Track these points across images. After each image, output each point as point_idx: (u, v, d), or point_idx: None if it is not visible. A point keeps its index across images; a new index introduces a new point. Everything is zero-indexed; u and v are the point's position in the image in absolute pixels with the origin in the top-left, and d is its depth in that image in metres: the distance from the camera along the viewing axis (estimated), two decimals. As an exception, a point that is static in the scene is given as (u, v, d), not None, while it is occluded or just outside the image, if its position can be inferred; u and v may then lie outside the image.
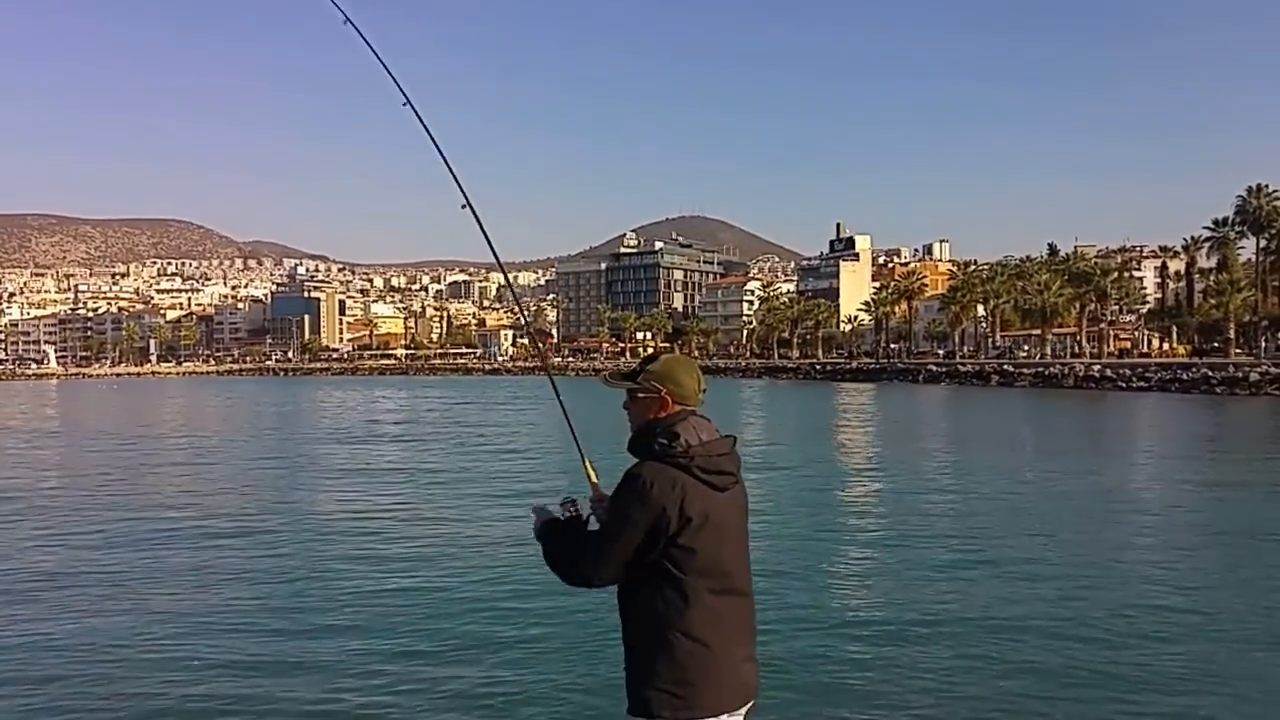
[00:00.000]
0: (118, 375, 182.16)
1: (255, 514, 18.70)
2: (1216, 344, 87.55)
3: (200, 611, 11.16)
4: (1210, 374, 68.24)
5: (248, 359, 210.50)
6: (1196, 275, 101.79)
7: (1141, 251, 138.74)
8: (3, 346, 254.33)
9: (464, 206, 4.87)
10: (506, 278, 5.95)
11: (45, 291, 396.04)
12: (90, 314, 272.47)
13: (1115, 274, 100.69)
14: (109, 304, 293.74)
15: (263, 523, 17.56)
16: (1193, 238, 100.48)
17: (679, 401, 3.52)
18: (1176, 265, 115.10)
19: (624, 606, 3.52)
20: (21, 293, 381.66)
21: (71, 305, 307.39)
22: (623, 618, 3.54)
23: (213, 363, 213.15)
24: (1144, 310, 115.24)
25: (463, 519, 17.59)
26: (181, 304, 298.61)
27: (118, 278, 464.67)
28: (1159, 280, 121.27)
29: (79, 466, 27.93)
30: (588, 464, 3.98)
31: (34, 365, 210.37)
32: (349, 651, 9.52)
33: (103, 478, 24.86)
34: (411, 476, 24.48)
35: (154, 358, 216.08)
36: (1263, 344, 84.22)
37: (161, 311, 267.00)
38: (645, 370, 3.57)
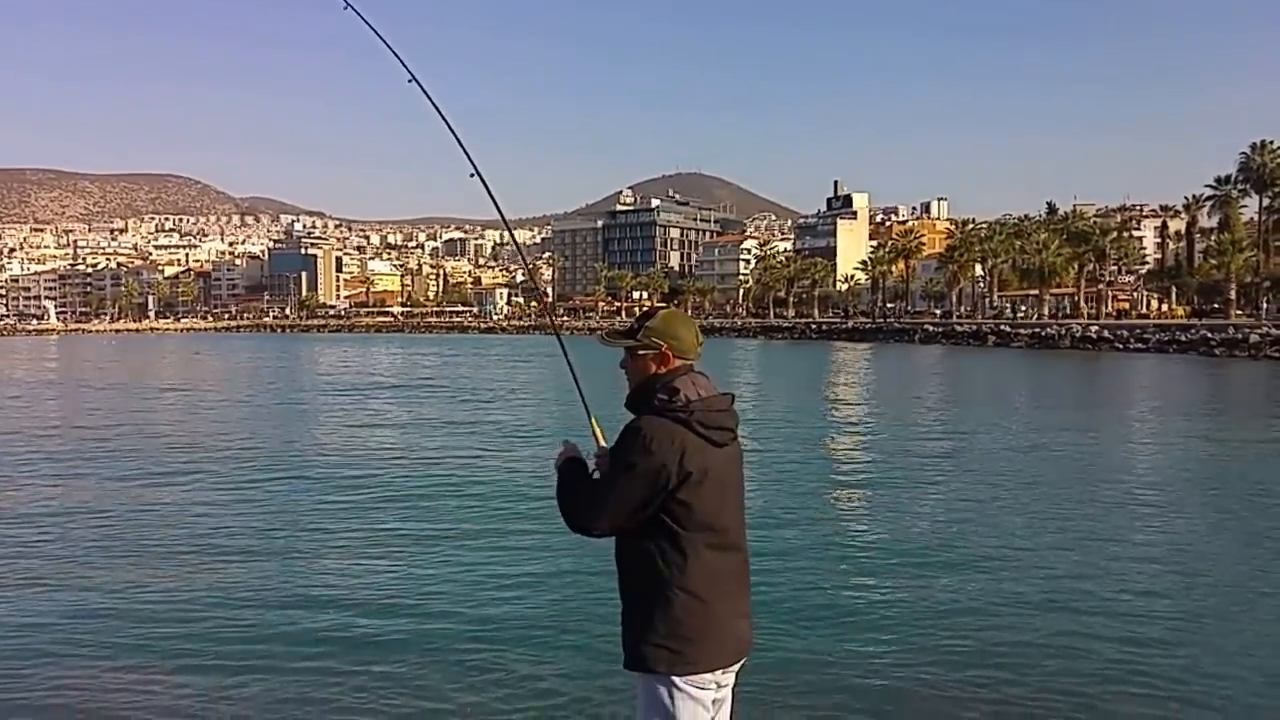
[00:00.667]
0: (116, 331, 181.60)
1: (260, 458, 19.62)
2: (1217, 305, 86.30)
3: (202, 549, 11.58)
4: (1210, 335, 67.36)
5: (245, 316, 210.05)
6: (1197, 235, 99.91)
7: (1141, 210, 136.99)
8: (3, 302, 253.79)
9: (472, 175, 4.72)
10: (516, 244, 5.84)
11: (45, 247, 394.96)
12: (89, 270, 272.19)
13: (1114, 233, 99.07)
14: (108, 260, 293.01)
15: (265, 466, 18.44)
16: (1194, 196, 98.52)
17: (679, 356, 3.49)
18: (1177, 225, 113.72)
19: (621, 561, 3.50)
20: (21, 248, 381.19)
21: (71, 261, 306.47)
22: (620, 572, 3.52)
23: (210, 319, 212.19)
24: (1143, 270, 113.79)
25: (465, 470, 17.86)
26: (179, 260, 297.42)
27: (116, 233, 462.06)
28: (1159, 240, 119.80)
29: (88, 419, 27.51)
30: (594, 420, 3.89)
31: (34, 321, 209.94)
32: (338, 589, 9.70)
33: (110, 428, 24.90)
34: (410, 430, 24.78)
35: (152, 314, 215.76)
36: (1264, 305, 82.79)
37: (160, 268, 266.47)
38: (644, 326, 3.52)
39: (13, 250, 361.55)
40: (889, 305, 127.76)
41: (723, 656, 3.42)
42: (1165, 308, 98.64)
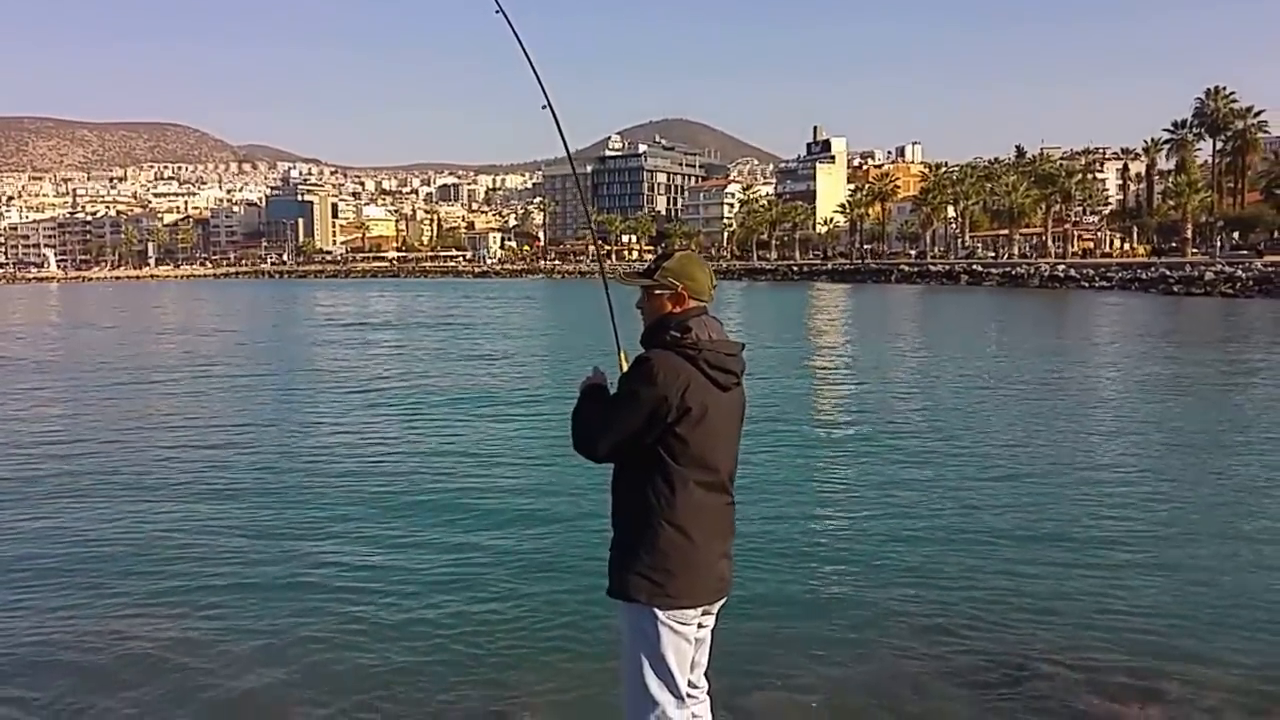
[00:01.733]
0: (116, 278, 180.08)
1: (265, 400, 19.87)
2: (1174, 244, 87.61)
3: (205, 485, 11.70)
4: (1168, 273, 68.48)
5: (244, 262, 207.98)
6: (1156, 177, 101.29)
7: (1104, 154, 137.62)
8: (2, 250, 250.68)
9: (544, 107, 4.62)
10: (578, 180, 5.50)
11: (43, 195, 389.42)
12: (89, 217, 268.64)
13: (1079, 175, 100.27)
14: (107, 208, 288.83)
15: (271, 407, 18.68)
16: (1153, 140, 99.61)
17: (693, 297, 3.51)
18: (1137, 167, 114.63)
19: (615, 490, 3.55)
20: (20, 196, 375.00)
21: (70, 209, 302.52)
22: (613, 502, 3.56)
23: (209, 265, 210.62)
24: (1106, 211, 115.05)
25: (467, 408, 18.17)
26: (178, 208, 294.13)
27: (115, 181, 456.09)
28: (1120, 182, 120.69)
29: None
30: (622, 353, 3.89)
31: (34, 269, 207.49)
32: (334, 522, 9.81)
33: (112, 371, 24.83)
34: (410, 372, 24.52)
35: (152, 261, 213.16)
36: (1218, 244, 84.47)
37: (159, 215, 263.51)
38: (661, 267, 3.53)
39: (11, 199, 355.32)
40: (867, 246, 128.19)
41: (704, 594, 3.48)
42: (1127, 247, 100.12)
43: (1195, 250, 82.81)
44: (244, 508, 10.49)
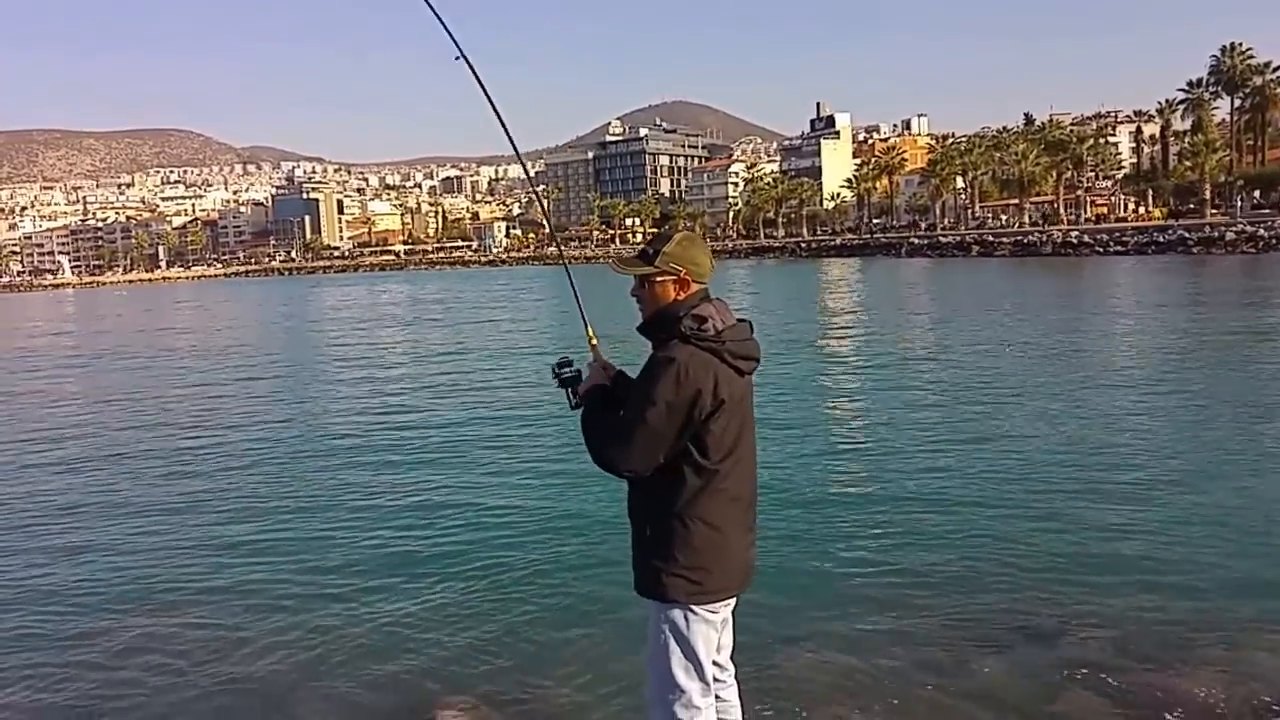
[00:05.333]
0: (130, 282, 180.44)
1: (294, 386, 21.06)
2: (1192, 205, 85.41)
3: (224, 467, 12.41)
4: (1186, 235, 66.89)
5: (253, 260, 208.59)
6: (1171, 138, 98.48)
7: (1116, 117, 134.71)
8: (19, 258, 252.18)
9: (457, 58, 4.16)
10: (527, 171, 5.58)
11: (55, 204, 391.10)
12: (100, 224, 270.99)
13: (1091, 140, 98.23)
14: (117, 214, 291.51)
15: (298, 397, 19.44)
16: (1167, 100, 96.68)
17: (696, 280, 3.31)
18: (1151, 129, 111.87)
19: (636, 489, 3.35)
20: (33, 206, 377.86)
21: (81, 216, 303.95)
22: (633, 499, 3.39)
23: (219, 266, 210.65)
24: (1120, 175, 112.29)
25: (480, 390, 18.53)
26: (186, 210, 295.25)
27: (124, 188, 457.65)
28: (1134, 145, 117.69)
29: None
30: (590, 329, 3.74)
31: (50, 276, 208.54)
32: (352, 515, 9.77)
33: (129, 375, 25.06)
34: (422, 356, 25.57)
35: (164, 264, 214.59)
36: (1238, 203, 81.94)
37: (168, 219, 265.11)
38: (660, 251, 3.29)
39: (24, 209, 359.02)
40: (875, 221, 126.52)
41: (734, 583, 3.39)
42: (1143, 210, 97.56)
43: (1214, 211, 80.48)
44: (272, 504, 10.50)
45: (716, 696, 3.52)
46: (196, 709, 5.66)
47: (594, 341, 3.70)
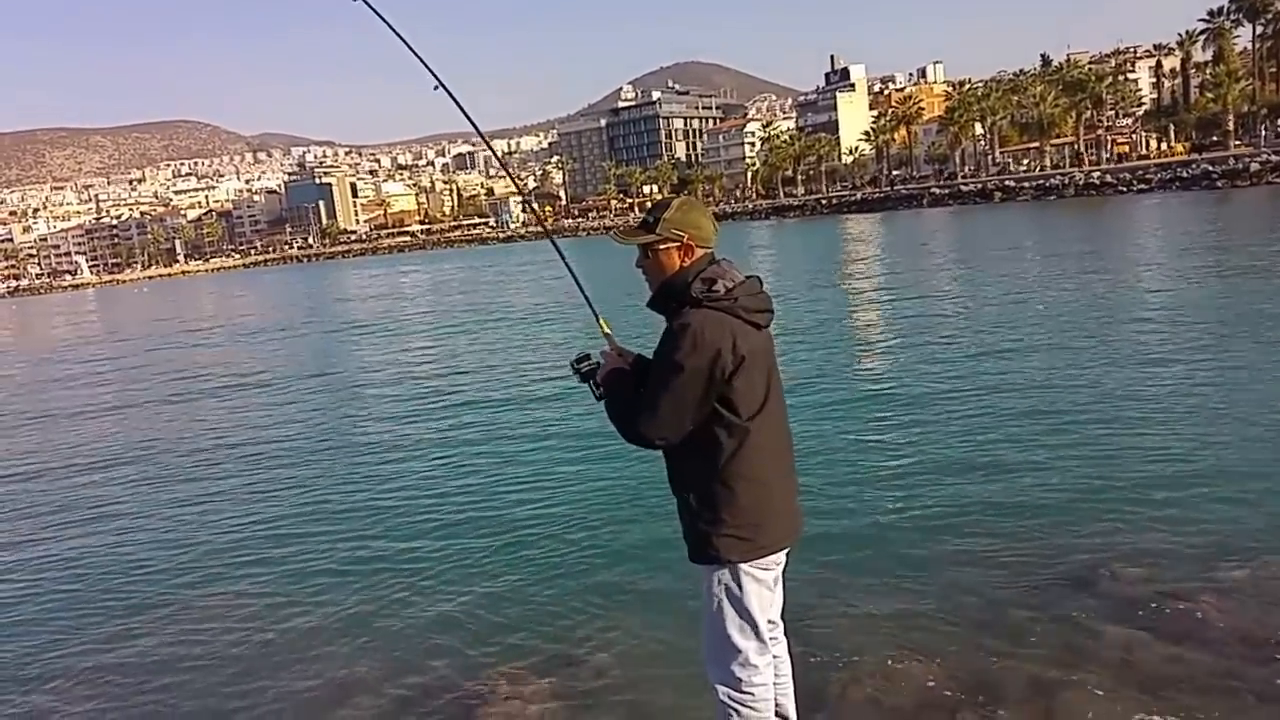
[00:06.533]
0: (150, 278, 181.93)
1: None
2: (1216, 138, 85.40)
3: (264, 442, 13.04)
4: (1210, 169, 67.00)
5: (271, 249, 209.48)
6: (1193, 70, 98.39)
7: (1135, 52, 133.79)
8: (35, 260, 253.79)
9: (436, 88, 4.53)
10: (491, 147, 5.51)
11: (67, 204, 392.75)
12: (114, 221, 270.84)
13: (1110, 78, 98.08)
14: (130, 210, 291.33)
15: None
16: (1187, 32, 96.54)
17: (700, 244, 3.35)
18: (1172, 63, 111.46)
19: (675, 458, 3.41)
20: (45, 207, 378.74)
21: (95, 215, 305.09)
22: (673, 467, 3.44)
23: (237, 257, 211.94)
24: (1140, 112, 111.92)
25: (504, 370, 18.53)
26: (200, 203, 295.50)
27: (135, 183, 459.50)
28: (1154, 80, 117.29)
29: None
30: (601, 319, 3.78)
31: (69, 277, 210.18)
32: (392, 499, 10.04)
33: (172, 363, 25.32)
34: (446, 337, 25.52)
35: (182, 258, 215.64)
36: (1262, 133, 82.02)
37: (182, 212, 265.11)
38: (661, 219, 3.33)
39: (37, 210, 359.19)
40: (895, 173, 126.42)
41: (786, 534, 3.46)
42: (1165, 146, 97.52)
43: (1238, 142, 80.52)
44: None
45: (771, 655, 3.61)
46: (256, 670, 6.19)
47: (607, 330, 3.75)
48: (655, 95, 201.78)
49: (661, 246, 3.34)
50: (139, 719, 5.84)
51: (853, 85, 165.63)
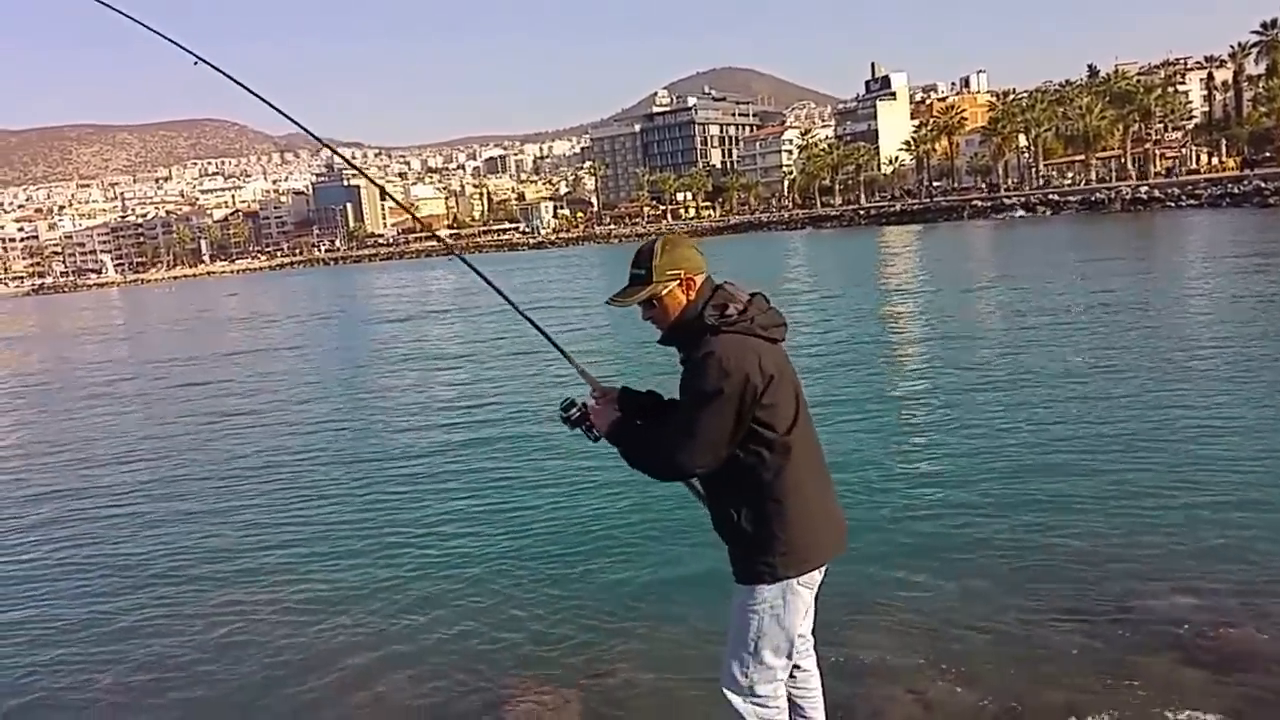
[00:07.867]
0: (175, 278, 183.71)
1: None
2: (1268, 154, 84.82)
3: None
4: (1263, 185, 66.45)
5: (297, 251, 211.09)
6: (1245, 83, 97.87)
7: (1186, 64, 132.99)
8: (60, 259, 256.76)
9: (196, 63, 4.75)
10: (336, 151, 5.32)
11: (93, 202, 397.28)
12: (140, 220, 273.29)
13: (1159, 90, 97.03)
14: (156, 209, 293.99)
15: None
16: (1240, 44, 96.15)
17: (698, 274, 3.42)
18: (1224, 75, 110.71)
19: (716, 484, 3.47)
20: (70, 204, 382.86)
21: (120, 213, 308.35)
22: (712, 490, 3.51)
23: (263, 258, 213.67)
24: (1190, 126, 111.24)
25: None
26: (226, 203, 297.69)
27: (161, 182, 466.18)
28: (1205, 93, 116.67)
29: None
30: (576, 363, 3.95)
31: (93, 276, 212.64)
32: (416, 516, 9.99)
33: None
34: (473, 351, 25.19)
35: (207, 258, 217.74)
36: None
37: (208, 211, 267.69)
38: (653, 268, 3.38)
39: (62, 208, 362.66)
40: (935, 184, 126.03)
41: (833, 545, 3.54)
42: (1215, 161, 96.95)
43: (1292, 159, 79.94)
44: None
45: (796, 666, 3.71)
46: (277, 680, 6.30)
47: (581, 367, 3.94)
48: (691, 101, 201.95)
49: (664, 291, 3.40)
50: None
51: (894, 94, 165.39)
